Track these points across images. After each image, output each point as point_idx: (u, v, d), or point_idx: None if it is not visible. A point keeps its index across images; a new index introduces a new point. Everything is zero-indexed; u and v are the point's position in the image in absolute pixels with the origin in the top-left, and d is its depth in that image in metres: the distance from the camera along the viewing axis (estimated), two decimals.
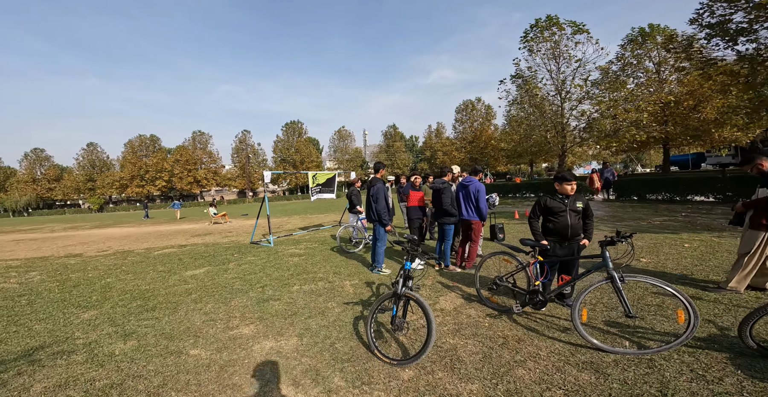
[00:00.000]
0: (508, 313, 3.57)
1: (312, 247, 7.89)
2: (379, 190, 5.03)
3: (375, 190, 5.04)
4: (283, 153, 57.82)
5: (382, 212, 4.98)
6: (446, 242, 5.18)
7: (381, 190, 5.02)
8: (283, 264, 6.29)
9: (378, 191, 5.02)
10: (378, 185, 5.07)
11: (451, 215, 5.03)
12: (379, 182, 5.12)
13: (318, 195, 9.85)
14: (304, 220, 14.95)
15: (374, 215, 5.11)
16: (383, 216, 4.99)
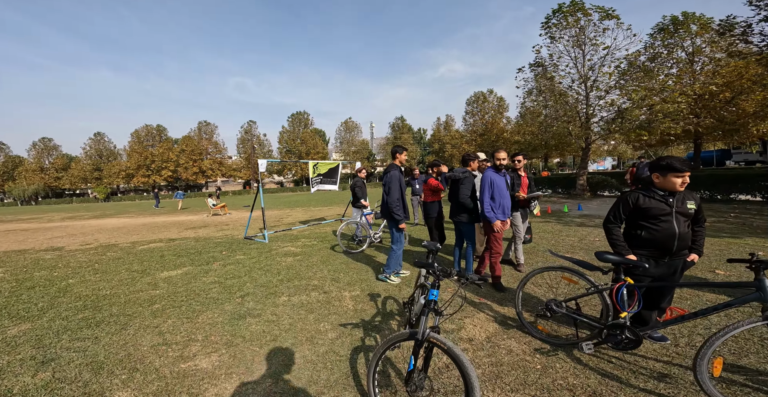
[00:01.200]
0: (565, 347, 2.59)
1: (310, 244, 6.98)
2: (392, 178, 4.04)
3: (388, 179, 4.07)
4: (288, 144, 56.99)
5: (393, 205, 4.00)
6: (467, 247, 4.20)
7: (395, 179, 4.04)
8: (274, 266, 5.38)
9: (391, 180, 4.04)
10: (392, 173, 4.09)
11: (468, 212, 4.04)
12: (394, 169, 4.14)
13: (319, 186, 8.91)
14: (306, 213, 14.08)
15: (386, 211, 4.16)
16: (394, 210, 4.02)
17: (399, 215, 4.03)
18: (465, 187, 4.04)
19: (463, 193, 4.04)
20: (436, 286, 1.89)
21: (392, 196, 4.01)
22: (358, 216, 6.45)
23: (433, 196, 4.53)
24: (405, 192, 4.09)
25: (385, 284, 4.23)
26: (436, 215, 4.74)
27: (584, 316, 2.46)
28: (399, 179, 4.05)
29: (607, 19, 14.76)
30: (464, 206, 4.05)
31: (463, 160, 4.31)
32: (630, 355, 2.45)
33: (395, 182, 4.03)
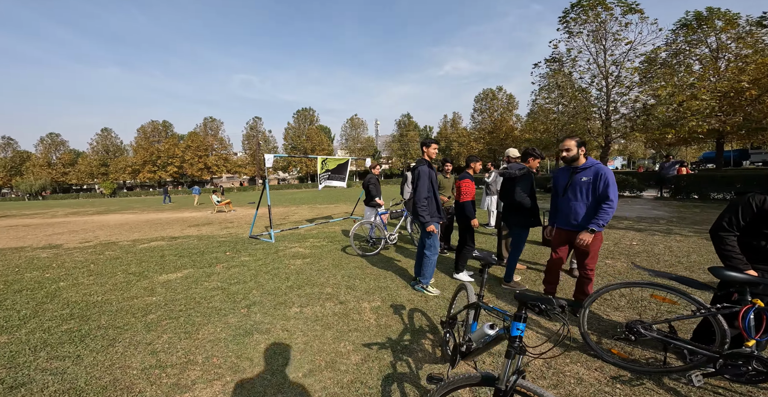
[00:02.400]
0: (650, 375, 2.10)
1: (320, 245, 6.52)
2: (421, 174, 3.55)
3: (416, 175, 3.58)
4: (294, 140, 56.67)
5: (418, 204, 3.51)
6: (515, 252, 3.70)
7: (423, 176, 3.55)
8: (282, 269, 4.93)
9: (419, 176, 3.55)
10: (421, 168, 3.60)
11: (524, 214, 3.54)
12: (422, 164, 3.64)
13: (327, 182, 8.45)
14: (312, 210, 13.64)
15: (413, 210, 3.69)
16: (419, 211, 3.53)
17: (424, 216, 3.53)
18: (523, 186, 3.54)
19: (520, 193, 3.54)
20: (523, 318, 1.40)
21: (419, 195, 3.52)
22: (372, 216, 5.97)
23: (468, 195, 4.02)
24: (437, 190, 3.58)
25: (408, 293, 3.75)
26: (471, 218, 4.18)
27: (687, 342, 1.96)
28: (429, 176, 3.56)
29: (630, 13, 14.11)
30: (520, 208, 3.56)
31: (523, 155, 3.81)
32: (756, 389, 1.95)
33: (424, 179, 3.54)
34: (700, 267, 4.21)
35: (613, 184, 2.73)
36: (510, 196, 3.58)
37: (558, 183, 3.08)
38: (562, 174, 3.04)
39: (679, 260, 4.59)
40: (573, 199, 2.89)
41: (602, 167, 2.82)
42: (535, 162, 3.75)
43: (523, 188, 3.52)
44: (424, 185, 3.53)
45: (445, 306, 3.35)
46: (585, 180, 2.82)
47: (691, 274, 3.98)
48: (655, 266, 4.33)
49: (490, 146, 40.88)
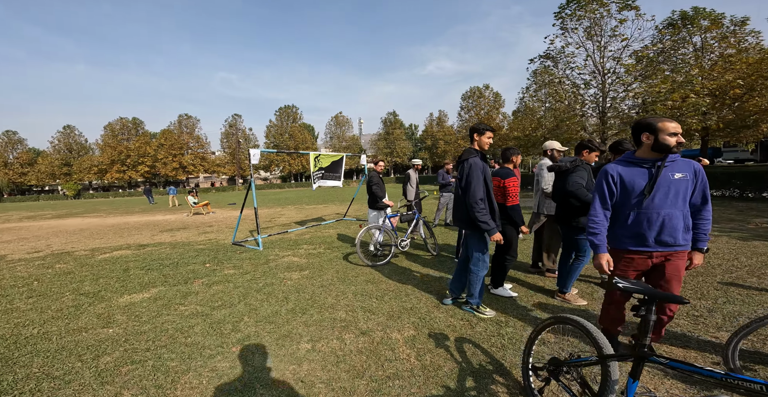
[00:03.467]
0: None
1: (317, 253, 5.69)
2: (472, 168, 2.79)
3: (466, 169, 2.81)
4: (276, 138, 54.86)
5: (475, 208, 2.74)
6: (579, 262, 3.05)
7: (476, 170, 2.78)
8: (278, 286, 4.09)
9: (471, 171, 2.78)
10: (471, 161, 2.83)
11: (584, 201, 2.89)
12: (473, 156, 2.87)
13: (321, 182, 7.62)
14: (300, 212, 12.70)
15: (462, 215, 2.92)
16: (479, 217, 2.73)
17: (488, 222, 2.73)
18: (577, 175, 2.92)
19: (574, 179, 2.92)
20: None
21: (473, 195, 2.74)
22: (380, 219, 5.20)
23: (516, 198, 3.27)
24: (491, 189, 2.85)
25: (444, 315, 3.03)
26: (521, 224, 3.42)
27: None
28: (483, 170, 2.82)
29: (626, 9, 14.01)
30: (580, 205, 2.92)
31: (578, 148, 3.19)
32: None
33: (476, 174, 2.76)
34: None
35: None
36: (567, 186, 2.93)
37: (632, 183, 2.01)
38: (632, 170, 2.03)
39: (734, 264, 4.09)
40: (665, 205, 1.97)
41: (692, 161, 2.10)
42: (591, 156, 3.13)
43: (579, 178, 2.88)
44: (479, 183, 2.75)
45: (500, 333, 2.64)
46: (680, 178, 1.95)
47: None
48: (726, 277, 3.80)
49: None
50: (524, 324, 2.80)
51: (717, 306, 2.93)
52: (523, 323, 2.82)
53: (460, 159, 2.91)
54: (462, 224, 2.94)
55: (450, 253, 5.25)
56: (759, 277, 3.59)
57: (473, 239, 2.90)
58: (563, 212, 3.05)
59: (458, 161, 2.94)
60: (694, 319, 2.74)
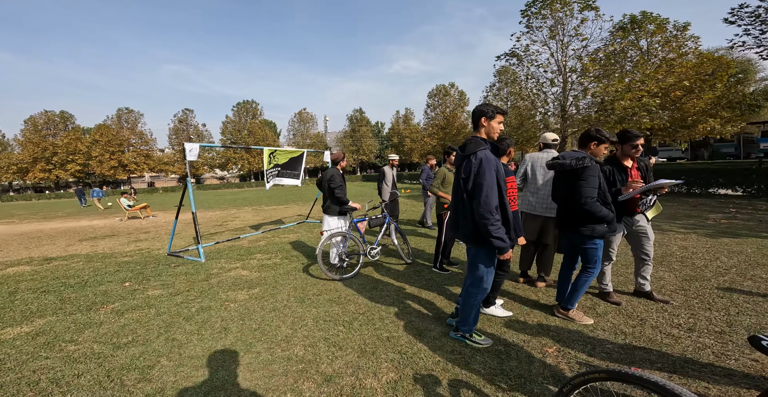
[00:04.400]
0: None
1: (271, 263, 4.85)
2: (484, 164, 2.09)
3: (475, 165, 2.13)
4: (233, 135, 51.49)
5: (486, 217, 2.07)
6: (587, 275, 2.57)
7: (488, 166, 2.09)
8: (216, 311, 3.24)
9: (482, 168, 2.09)
10: (483, 155, 2.13)
11: (600, 217, 2.40)
12: (482, 147, 2.16)
13: (276, 180, 6.75)
14: (258, 214, 11.56)
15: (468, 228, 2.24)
16: (492, 230, 2.07)
17: (503, 238, 2.08)
18: (587, 183, 2.38)
19: (586, 192, 2.38)
20: None
21: (485, 203, 2.05)
22: (345, 225, 4.48)
23: (515, 201, 2.71)
24: (505, 192, 2.18)
25: (432, 347, 2.41)
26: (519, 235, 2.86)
27: None
28: (496, 167, 2.12)
29: (587, 9, 14.51)
30: (585, 210, 2.41)
31: (583, 139, 2.64)
32: None
33: (489, 174, 2.07)
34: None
35: None
36: (575, 197, 2.43)
37: None
38: None
39: (719, 265, 3.94)
40: None
41: None
42: (599, 149, 2.60)
43: (589, 185, 2.38)
44: (492, 186, 2.05)
45: (504, 370, 2.07)
46: None
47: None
48: (721, 281, 3.58)
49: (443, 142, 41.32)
50: (530, 354, 2.26)
51: (732, 318, 2.61)
52: (528, 353, 2.28)
53: (463, 152, 2.23)
54: (467, 239, 2.28)
55: (427, 260, 4.67)
56: (752, 280, 3.40)
57: (480, 256, 2.25)
58: (568, 216, 2.56)
59: (461, 156, 2.28)
60: (718, 336, 2.37)
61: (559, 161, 2.51)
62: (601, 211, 2.35)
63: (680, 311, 2.77)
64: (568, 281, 2.74)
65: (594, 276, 2.59)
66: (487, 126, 2.24)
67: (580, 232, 2.48)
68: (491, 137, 2.27)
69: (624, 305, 2.91)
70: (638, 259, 2.98)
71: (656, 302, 2.94)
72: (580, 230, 2.48)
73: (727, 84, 16.92)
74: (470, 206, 2.14)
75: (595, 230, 2.44)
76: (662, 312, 2.76)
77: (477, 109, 2.26)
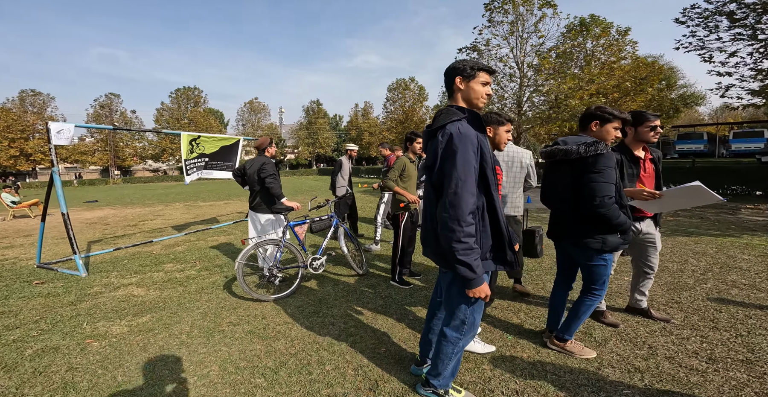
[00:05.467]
0: None
1: (181, 278, 3.76)
2: (458, 144, 1.34)
3: (445, 147, 1.38)
4: (170, 124, 46.39)
5: (456, 231, 1.32)
6: (593, 299, 1.97)
7: (463, 148, 1.34)
8: (61, 357, 2.17)
9: (454, 150, 1.34)
10: (455, 129, 1.37)
11: (616, 225, 1.78)
12: (455, 118, 1.40)
13: (204, 173, 5.62)
14: (189, 211, 9.99)
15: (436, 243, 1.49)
16: (459, 250, 1.33)
17: (468, 261, 1.33)
18: (603, 177, 1.72)
19: (602, 189, 1.72)
20: None
21: (453, 202, 1.33)
22: (276, 229, 3.55)
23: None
24: (494, 187, 1.43)
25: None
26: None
27: None
28: (478, 147, 1.39)
29: (546, 6, 14.82)
30: (598, 215, 1.76)
31: (583, 120, 1.99)
32: None
33: (462, 153, 1.34)
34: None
35: None
36: (585, 197, 1.77)
37: None
38: None
39: (692, 268, 3.71)
40: None
41: None
42: (604, 131, 1.91)
43: (604, 180, 1.73)
44: (466, 173, 1.34)
45: None
46: None
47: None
48: (707, 290, 3.29)
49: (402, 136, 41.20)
50: None
51: (746, 340, 2.20)
52: None
53: (432, 127, 1.49)
54: (437, 259, 1.55)
55: (383, 271, 3.91)
56: (736, 287, 3.13)
57: (458, 286, 1.50)
58: (569, 222, 1.93)
59: (427, 133, 1.54)
60: (748, 367, 1.91)
61: (561, 147, 1.86)
62: (620, 216, 1.74)
63: (686, 332, 2.33)
64: (562, 303, 2.14)
65: (600, 300, 2.00)
66: (465, 89, 1.48)
67: (587, 245, 1.85)
68: (473, 105, 1.51)
69: (622, 326, 2.41)
70: (639, 272, 2.48)
71: (656, 320, 2.48)
72: (587, 242, 1.85)
73: (656, 88, 18.48)
74: (442, 211, 1.39)
75: (607, 242, 1.83)
76: (668, 335, 2.29)
77: (449, 68, 1.50)
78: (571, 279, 2.15)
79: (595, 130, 1.96)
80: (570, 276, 2.14)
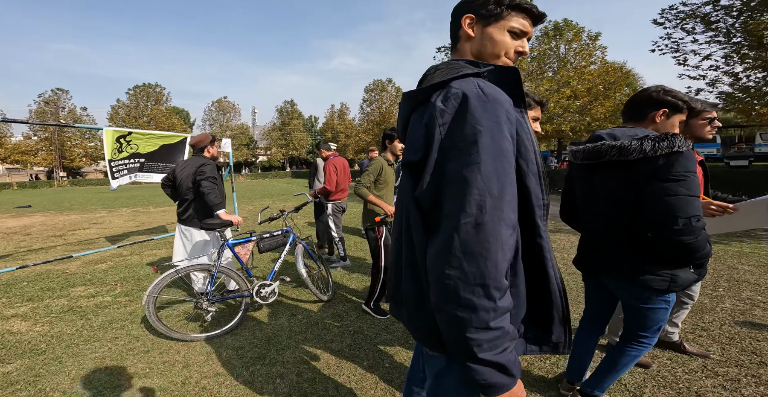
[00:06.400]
0: None
1: (88, 307, 2.95)
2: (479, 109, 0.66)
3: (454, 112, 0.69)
4: (126, 122, 43.25)
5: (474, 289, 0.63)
6: (639, 349, 1.43)
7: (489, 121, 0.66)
8: None
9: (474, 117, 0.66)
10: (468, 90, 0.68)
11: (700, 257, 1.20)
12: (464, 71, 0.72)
13: (135, 176, 4.83)
14: (135, 218, 8.86)
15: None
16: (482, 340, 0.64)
17: (504, 359, 0.65)
18: (686, 187, 1.16)
19: (687, 207, 1.15)
20: None
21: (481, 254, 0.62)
22: (210, 252, 2.82)
23: None
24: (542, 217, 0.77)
25: None
26: None
27: None
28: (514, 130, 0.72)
29: None
30: (680, 244, 1.17)
31: (639, 106, 1.43)
32: None
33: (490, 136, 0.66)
34: None
35: None
36: (662, 217, 1.19)
37: None
38: None
39: None
40: None
41: None
42: (669, 124, 1.40)
43: (691, 199, 1.17)
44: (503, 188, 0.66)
45: None
46: None
47: None
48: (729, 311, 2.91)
49: (379, 138, 40.84)
50: None
51: None
52: None
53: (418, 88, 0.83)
54: (418, 333, 0.85)
55: (353, 295, 3.26)
56: (756, 305, 2.80)
57: (453, 378, 0.82)
58: (622, 254, 1.36)
59: (412, 94, 0.85)
60: None
61: (611, 143, 1.26)
62: (707, 246, 1.21)
63: (732, 371, 1.87)
64: (590, 350, 1.61)
65: (649, 350, 1.47)
66: (481, 35, 0.86)
67: (647, 283, 1.30)
68: (501, 61, 0.86)
69: (655, 366, 1.93)
70: (677, 301, 2.02)
71: (692, 356, 2.01)
72: (648, 279, 1.30)
73: (623, 93, 19.16)
74: (426, 248, 0.73)
75: (678, 279, 1.29)
76: (714, 376, 1.83)
77: (460, 5, 0.89)
78: (605, 321, 1.62)
79: (659, 122, 1.40)
80: (605, 317, 1.61)
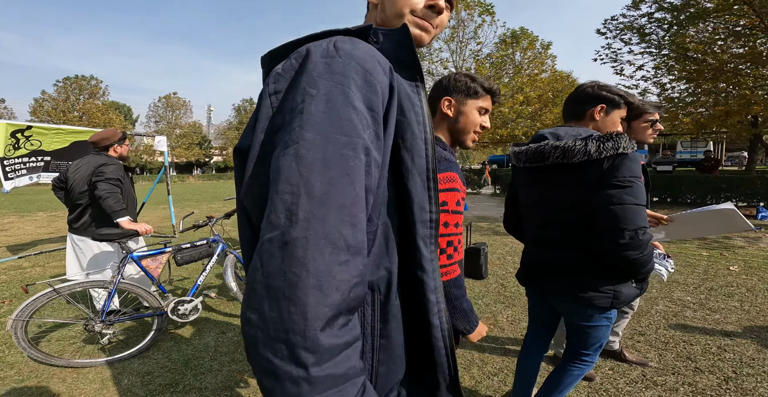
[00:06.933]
0: None
1: None
2: (319, 68, 0.46)
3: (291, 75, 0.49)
4: (54, 117, 38.56)
5: (288, 326, 0.35)
6: (581, 367, 1.33)
7: (331, 81, 0.44)
8: None
9: (310, 78, 0.45)
10: (324, 48, 0.48)
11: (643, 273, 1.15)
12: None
13: (37, 176, 4.35)
14: (52, 223, 7.75)
15: None
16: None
17: None
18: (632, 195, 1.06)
19: (633, 216, 1.04)
20: None
21: (294, 282, 0.36)
22: (111, 266, 2.40)
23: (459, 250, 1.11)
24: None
25: None
26: None
27: None
28: (401, 109, 0.53)
29: (486, 13, 15.77)
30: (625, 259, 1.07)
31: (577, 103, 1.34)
32: None
33: (331, 124, 0.43)
34: None
35: None
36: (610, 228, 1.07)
37: None
38: None
39: None
40: None
41: None
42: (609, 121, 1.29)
43: (636, 208, 1.05)
44: (334, 167, 0.41)
45: None
46: None
47: None
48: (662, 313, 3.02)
49: None
50: None
51: (735, 383, 1.83)
52: None
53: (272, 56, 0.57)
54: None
55: None
56: (686, 306, 2.94)
57: None
58: (566, 270, 1.25)
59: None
60: None
61: (554, 143, 1.14)
62: (650, 261, 1.11)
63: (670, 379, 1.88)
64: (535, 369, 1.50)
65: (590, 368, 1.39)
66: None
67: (590, 301, 1.19)
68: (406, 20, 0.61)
69: (599, 379, 1.88)
70: (618, 311, 2.01)
71: (631, 364, 2.01)
72: (592, 297, 1.18)
73: None
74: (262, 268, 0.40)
75: (621, 295, 1.19)
76: (653, 386, 1.81)
77: None
78: (548, 339, 1.51)
79: (599, 119, 1.29)
80: (548, 334, 1.50)
